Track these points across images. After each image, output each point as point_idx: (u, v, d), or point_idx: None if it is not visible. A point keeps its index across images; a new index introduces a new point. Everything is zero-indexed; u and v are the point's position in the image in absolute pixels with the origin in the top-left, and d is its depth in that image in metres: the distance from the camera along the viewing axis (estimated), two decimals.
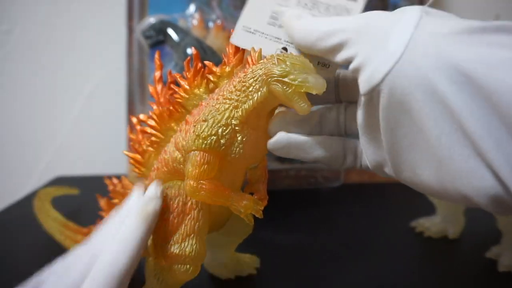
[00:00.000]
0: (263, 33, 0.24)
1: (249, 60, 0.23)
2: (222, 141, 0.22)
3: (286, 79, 0.21)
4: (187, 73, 0.25)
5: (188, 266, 0.23)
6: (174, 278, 0.23)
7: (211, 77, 0.24)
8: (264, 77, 0.21)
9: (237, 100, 0.22)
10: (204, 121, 0.22)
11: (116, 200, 0.29)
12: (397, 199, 0.48)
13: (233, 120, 0.22)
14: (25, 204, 0.47)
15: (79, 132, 0.60)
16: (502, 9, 0.57)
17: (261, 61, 0.22)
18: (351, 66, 0.19)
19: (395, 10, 0.19)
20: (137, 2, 0.53)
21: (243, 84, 0.22)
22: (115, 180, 0.29)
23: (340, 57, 0.20)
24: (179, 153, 0.23)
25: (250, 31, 0.25)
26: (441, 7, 0.59)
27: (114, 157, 0.57)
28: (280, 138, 0.22)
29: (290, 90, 0.21)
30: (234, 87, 0.22)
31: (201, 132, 0.22)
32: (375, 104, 0.19)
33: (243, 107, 0.22)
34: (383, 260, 0.32)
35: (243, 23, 0.25)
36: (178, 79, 0.25)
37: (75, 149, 0.60)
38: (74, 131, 0.60)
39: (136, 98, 0.51)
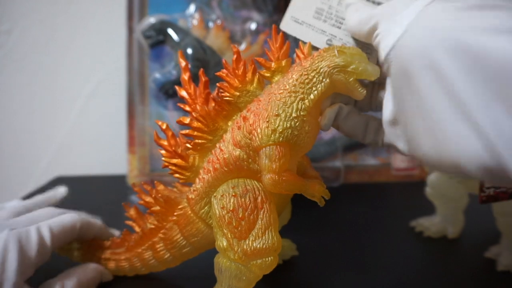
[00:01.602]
0: (309, 24, 0.27)
1: (299, 53, 0.25)
2: (295, 132, 0.23)
3: (349, 69, 0.22)
4: (236, 70, 0.25)
5: (270, 258, 0.23)
6: (255, 273, 0.23)
7: (265, 72, 0.25)
8: (327, 69, 0.23)
9: (302, 93, 0.23)
10: (277, 115, 0.23)
11: (156, 208, 0.27)
12: (397, 199, 0.48)
13: (301, 112, 0.23)
14: None
15: (79, 132, 0.60)
16: None
17: (317, 53, 0.24)
18: (375, 41, 0.22)
19: None
20: (137, 2, 0.53)
21: (306, 76, 0.23)
22: (147, 187, 0.28)
23: (374, 37, 0.22)
24: (241, 151, 0.24)
25: (298, 22, 0.27)
26: None
27: (114, 157, 0.57)
28: (329, 112, 0.24)
29: (351, 79, 0.22)
30: (297, 80, 0.23)
31: (277, 127, 0.22)
32: (389, 73, 0.21)
33: (309, 98, 0.23)
34: (383, 259, 0.32)
35: (291, 13, 0.27)
36: (225, 77, 0.25)
37: (75, 149, 0.60)
38: (74, 131, 0.60)
39: (136, 98, 0.51)
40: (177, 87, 0.26)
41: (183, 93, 0.26)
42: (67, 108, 0.60)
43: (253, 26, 0.53)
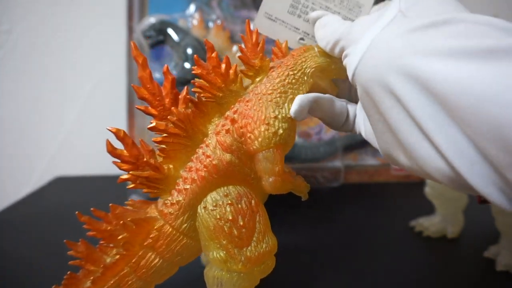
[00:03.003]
0: (283, 21, 0.26)
1: (276, 51, 0.24)
2: (292, 134, 0.22)
3: (330, 69, 0.24)
4: (218, 68, 0.23)
5: (270, 261, 0.23)
6: (256, 279, 0.23)
7: (248, 71, 0.24)
8: (311, 70, 0.23)
9: (291, 93, 0.23)
10: (275, 117, 0.22)
11: (123, 235, 0.22)
12: (397, 199, 0.48)
13: None
14: (25, 204, 0.47)
15: (79, 132, 0.60)
16: (502, 9, 0.57)
17: (298, 52, 0.24)
18: (344, 62, 0.22)
19: (381, 10, 0.21)
20: (137, 2, 0.53)
21: (293, 77, 0.23)
22: (99, 213, 0.23)
23: (343, 58, 0.22)
24: (232, 155, 0.22)
25: (272, 19, 0.26)
26: None
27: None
28: (300, 98, 0.23)
29: (330, 78, 0.23)
30: (284, 80, 0.23)
31: (278, 129, 0.22)
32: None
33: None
34: (383, 259, 0.32)
35: (265, 9, 0.25)
36: (206, 76, 0.23)
37: (75, 149, 0.60)
38: (74, 131, 0.60)
39: (136, 98, 0.51)
40: (134, 86, 0.22)
41: (143, 92, 0.22)
42: (67, 108, 0.60)
43: (253, 26, 0.52)
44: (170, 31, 0.46)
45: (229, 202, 0.22)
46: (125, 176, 0.22)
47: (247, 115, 0.22)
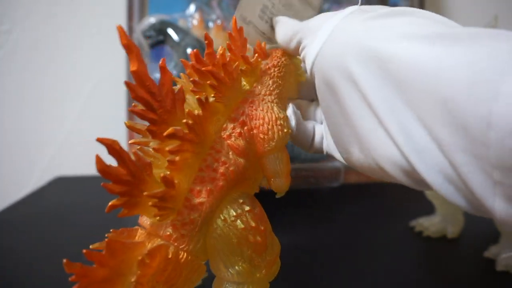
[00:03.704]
0: (254, 25, 0.26)
1: (258, 50, 0.24)
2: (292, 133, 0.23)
3: (298, 72, 0.25)
4: (227, 67, 0.21)
5: (278, 261, 0.22)
6: (268, 282, 0.21)
7: (247, 70, 0.23)
8: (292, 72, 0.25)
9: (284, 94, 0.24)
10: (284, 118, 0.22)
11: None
12: (396, 199, 0.48)
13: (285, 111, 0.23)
14: (25, 204, 0.47)
15: (79, 132, 0.60)
16: (501, 9, 0.57)
17: (279, 54, 0.25)
18: (302, 55, 0.22)
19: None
20: (137, 2, 0.53)
21: (282, 78, 0.24)
22: (101, 245, 0.17)
23: (300, 51, 0.23)
24: (244, 160, 0.21)
25: (246, 22, 0.26)
26: (441, 7, 0.59)
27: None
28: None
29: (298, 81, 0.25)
30: (277, 81, 0.23)
31: (288, 130, 0.22)
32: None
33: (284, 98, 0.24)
34: (383, 259, 0.32)
35: (240, 11, 0.26)
36: (216, 74, 0.20)
37: (75, 149, 0.60)
38: (74, 131, 0.60)
39: None
40: (129, 84, 0.17)
41: (140, 92, 0.17)
42: (67, 108, 0.60)
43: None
44: (170, 31, 0.46)
45: (248, 209, 0.20)
46: (117, 201, 0.16)
47: (256, 116, 0.21)
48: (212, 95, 0.20)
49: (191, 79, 0.21)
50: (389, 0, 0.54)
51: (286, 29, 0.24)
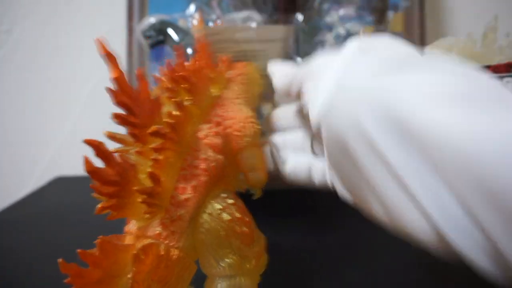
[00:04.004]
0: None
1: (223, 63, 0.27)
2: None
3: (259, 82, 0.29)
4: (197, 74, 0.23)
5: (265, 254, 0.22)
6: (258, 274, 0.22)
7: (215, 78, 0.25)
8: (255, 80, 0.28)
9: (249, 97, 0.26)
10: (254, 117, 0.24)
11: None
12: None
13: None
14: (25, 204, 0.47)
15: (79, 132, 0.60)
16: (501, 9, 0.57)
17: (244, 64, 0.28)
18: (304, 101, 0.21)
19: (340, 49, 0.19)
20: (137, 2, 0.53)
21: (247, 84, 0.26)
22: (92, 251, 0.16)
23: (302, 97, 0.22)
24: (221, 156, 0.22)
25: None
26: (441, 7, 0.59)
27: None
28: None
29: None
30: (242, 87, 0.26)
31: (258, 125, 0.24)
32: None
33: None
34: (383, 259, 0.32)
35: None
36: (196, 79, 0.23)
37: (75, 149, 0.60)
38: (74, 131, 0.60)
39: None
40: (111, 90, 0.20)
41: (123, 97, 0.19)
42: (67, 108, 0.60)
43: (253, 26, 0.53)
44: (170, 31, 0.46)
45: (232, 202, 0.21)
46: (106, 203, 0.17)
47: (228, 116, 0.23)
48: (186, 98, 0.22)
49: (166, 86, 0.22)
50: (389, 0, 0.54)
51: (283, 75, 0.23)
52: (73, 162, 0.60)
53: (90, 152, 0.17)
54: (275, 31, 0.28)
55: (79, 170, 0.59)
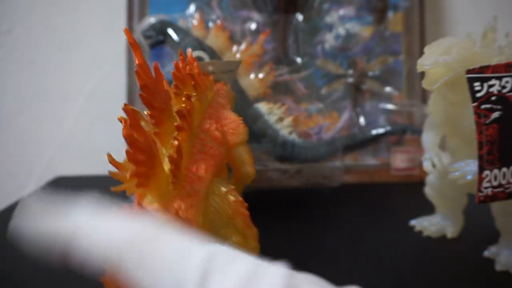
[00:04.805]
0: None
1: (206, 75, 0.29)
2: None
3: (231, 95, 0.34)
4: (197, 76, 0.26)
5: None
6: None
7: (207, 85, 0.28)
8: (231, 94, 0.33)
9: (231, 105, 0.31)
10: (240, 118, 0.28)
11: None
12: (397, 199, 0.48)
13: None
14: None
15: (79, 132, 0.60)
16: (501, 9, 0.57)
17: (224, 83, 0.32)
18: None
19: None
20: (137, 2, 0.53)
21: (228, 97, 0.31)
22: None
23: None
24: (222, 148, 0.25)
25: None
26: (441, 7, 0.59)
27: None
28: None
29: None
30: (226, 96, 0.30)
31: (246, 126, 0.28)
32: None
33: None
34: (383, 259, 0.32)
35: None
36: (196, 77, 0.25)
37: (75, 149, 0.60)
38: (74, 131, 0.60)
39: (136, 98, 0.51)
40: (137, 71, 0.20)
41: (145, 79, 0.20)
42: (67, 108, 0.60)
43: (253, 26, 0.53)
44: (170, 31, 0.46)
45: (232, 187, 0.23)
46: (138, 168, 0.17)
47: (223, 117, 0.27)
48: (194, 93, 0.23)
49: (173, 84, 0.23)
50: (389, 0, 0.54)
51: None
52: (73, 162, 0.60)
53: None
54: (228, 65, 0.36)
55: (79, 170, 0.59)
